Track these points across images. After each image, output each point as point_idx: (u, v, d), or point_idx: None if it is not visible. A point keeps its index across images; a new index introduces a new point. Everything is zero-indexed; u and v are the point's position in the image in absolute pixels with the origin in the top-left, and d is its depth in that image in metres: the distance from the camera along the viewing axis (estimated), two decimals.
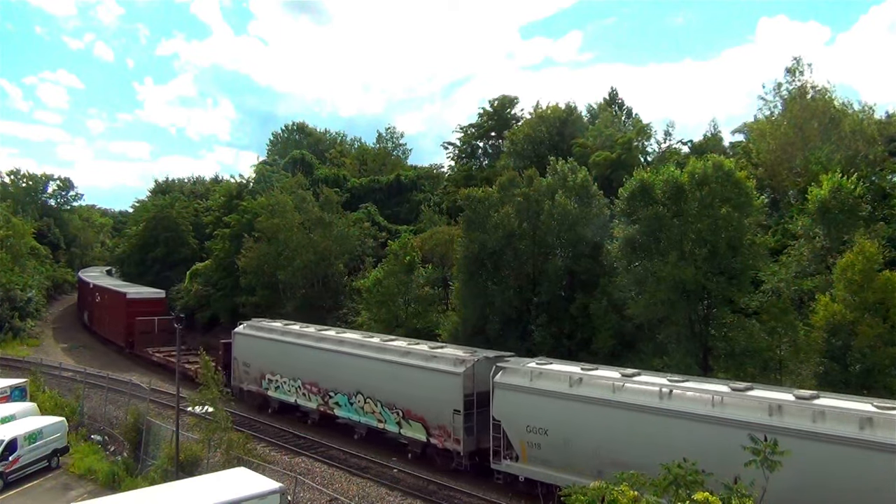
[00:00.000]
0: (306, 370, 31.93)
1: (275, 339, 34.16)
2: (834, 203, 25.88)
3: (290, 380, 32.98)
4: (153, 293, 55.06)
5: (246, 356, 35.98)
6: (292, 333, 33.78)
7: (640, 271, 27.22)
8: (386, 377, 27.75)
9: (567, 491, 16.20)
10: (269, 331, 35.20)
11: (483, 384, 24.32)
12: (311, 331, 33.54)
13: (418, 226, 51.12)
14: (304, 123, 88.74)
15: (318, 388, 31.40)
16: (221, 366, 35.00)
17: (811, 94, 39.03)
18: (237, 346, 36.70)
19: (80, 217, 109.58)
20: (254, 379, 35.25)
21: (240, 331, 36.98)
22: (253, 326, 36.60)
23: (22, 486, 25.46)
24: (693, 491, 14.74)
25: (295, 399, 32.71)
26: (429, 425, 26.05)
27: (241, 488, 17.98)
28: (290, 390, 33.02)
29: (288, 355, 32.86)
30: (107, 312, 56.73)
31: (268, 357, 34.28)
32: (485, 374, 24.36)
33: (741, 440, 14.99)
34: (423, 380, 26.18)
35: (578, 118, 51.65)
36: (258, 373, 34.89)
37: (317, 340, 31.96)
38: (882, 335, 21.56)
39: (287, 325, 35.70)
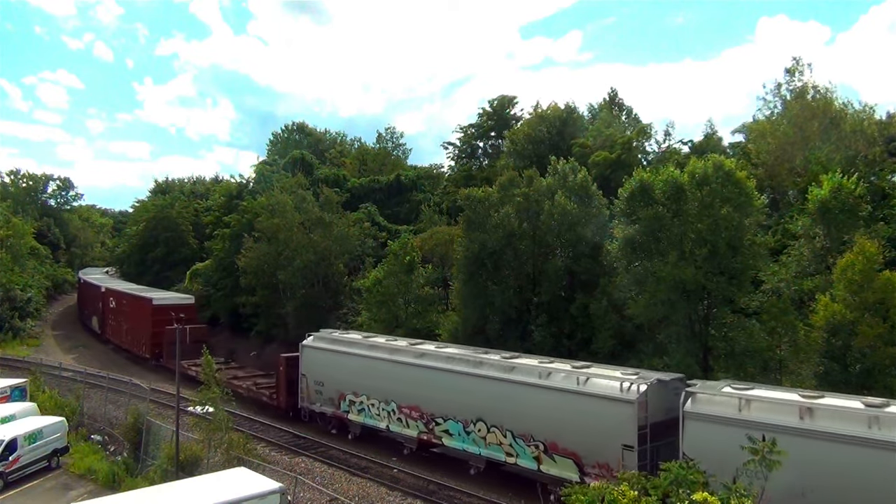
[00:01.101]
0: (404, 391, 27.44)
1: (358, 353, 29.59)
2: (834, 203, 25.85)
3: (379, 402, 28.46)
4: (181, 299, 50.51)
5: (318, 373, 31.45)
6: (381, 348, 29.21)
7: (640, 271, 27.21)
8: (520, 403, 23.27)
9: (567, 491, 16.22)
10: (348, 344, 30.64)
11: (658, 413, 20.54)
12: (404, 344, 29.16)
13: (418, 226, 51.12)
14: (304, 123, 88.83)
15: (419, 413, 26.80)
16: (284, 384, 32.99)
17: (811, 95, 39.03)
18: (307, 362, 32.18)
19: (80, 217, 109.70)
20: (329, 400, 30.93)
21: (310, 344, 32.41)
22: (326, 339, 32.18)
23: (22, 486, 25.46)
24: (693, 491, 14.77)
25: (386, 424, 28.17)
26: (583, 462, 21.60)
27: (241, 488, 17.99)
28: (379, 414, 28.53)
29: (377, 373, 28.40)
30: (127, 320, 51.81)
31: (349, 375, 29.75)
32: (660, 401, 20.66)
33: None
34: (576, 407, 21.72)
35: (578, 118, 51.65)
36: (335, 393, 30.55)
37: (418, 357, 27.34)
38: (882, 335, 21.54)
39: (368, 337, 31.48)
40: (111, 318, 56.23)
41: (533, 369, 23.54)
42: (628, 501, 14.59)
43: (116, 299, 54.62)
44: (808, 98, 38.82)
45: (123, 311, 52.85)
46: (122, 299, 53.40)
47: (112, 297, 55.84)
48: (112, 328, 55.82)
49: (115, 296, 55.37)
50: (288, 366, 33.13)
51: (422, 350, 27.93)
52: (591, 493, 15.59)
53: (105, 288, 58.46)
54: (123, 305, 52.92)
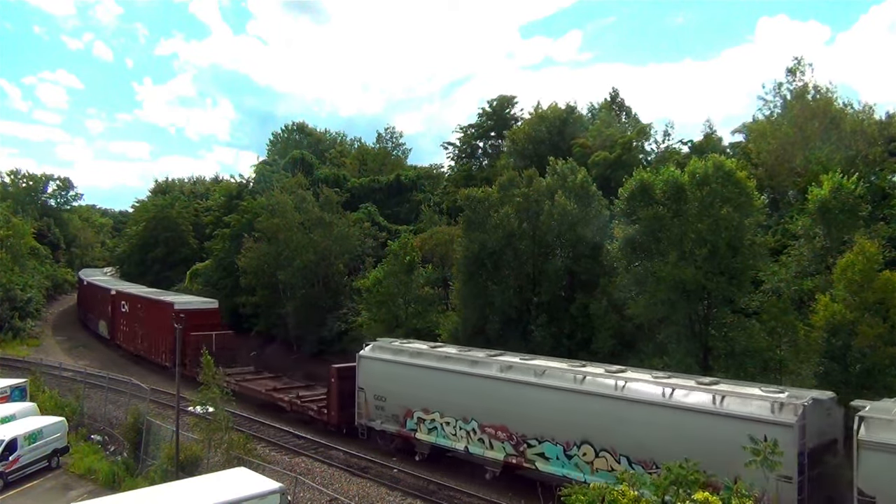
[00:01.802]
0: (487, 409, 24.33)
1: (430, 366, 26.58)
2: (834, 203, 25.83)
3: (456, 420, 25.42)
4: (205, 303, 46.89)
5: (379, 387, 28.35)
6: (458, 360, 26.12)
7: (641, 271, 27.22)
8: (638, 424, 20.16)
9: (567, 491, 16.21)
10: (415, 355, 27.58)
11: (813, 437, 18.05)
12: (481, 356, 25.99)
13: (418, 226, 51.13)
14: (304, 123, 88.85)
15: (507, 433, 23.81)
16: (336, 398, 30.24)
17: (811, 95, 39.01)
18: (365, 374, 29.07)
19: (80, 217, 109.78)
20: (392, 417, 27.95)
21: (368, 354, 29.24)
22: (387, 349, 28.95)
23: (22, 486, 25.46)
24: (693, 491, 14.76)
25: (465, 445, 25.12)
26: None
27: (241, 488, 17.99)
28: (455, 434, 25.52)
29: (454, 388, 25.43)
30: (143, 326, 48.18)
31: (417, 389, 26.81)
32: (816, 423, 18.23)
33: None
34: (714, 430, 18.66)
35: (578, 118, 51.63)
36: (400, 409, 27.52)
37: (504, 370, 24.22)
38: (882, 335, 21.53)
39: (436, 347, 28.52)
40: (123, 323, 52.57)
41: (651, 386, 20.63)
42: (628, 501, 14.58)
43: (130, 303, 51.15)
44: (809, 98, 38.80)
45: (138, 316, 49.38)
46: (137, 303, 49.99)
47: (125, 300, 52.26)
48: (125, 334, 52.22)
49: (128, 300, 51.88)
50: (340, 378, 30.05)
51: (507, 362, 24.71)
52: (591, 493, 15.57)
53: (116, 291, 55.14)
54: (139, 310, 49.46)
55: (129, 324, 50.98)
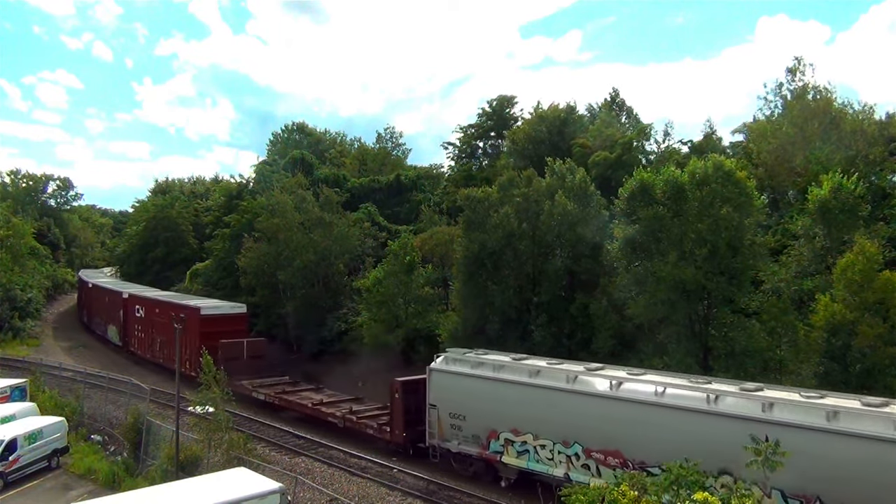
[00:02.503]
0: (595, 431, 21.24)
1: (518, 381, 23.39)
2: (834, 203, 25.85)
3: (554, 443, 22.36)
4: (232, 308, 43.49)
5: (456, 404, 25.34)
6: (551, 374, 22.93)
7: (641, 271, 27.22)
8: (800, 452, 16.45)
9: (567, 491, 16.22)
10: (497, 368, 24.35)
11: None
12: (578, 369, 22.94)
13: (418, 226, 51.14)
14: (303, 123, 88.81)
15: (620, 460, 20.71)
16: (401, 415, 27.26)
17: (811, 95, 39.01)
18: (438, 389, 26.00)
19: (80, 217, 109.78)
20: (472, 438, 24.84)
21: (440, 367, 26.14)
22: (464, 361, 25.73)
23: (22, 486, 25.47)
24: (693, 491, 14.77)
25: (565, 472, 21.98)
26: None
27: (241, 488, 18.00)
28: (552, 458, 22.41)
29: (550, 407, 22.34)
30: (162, 332, 44.58)
31: (504, 407, 23.64)
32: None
33: None
34: (887, 458, 15.94)
35: (578, 118, 51.65)
36: (482, 429, 24.39)
37: (615, 387, 21.09)
38: (882, 335, 21.55)
39: (520, 359, 25.07)
40: (138, 329, 49.07)
41: (810, 407, 17.57)
42: (628, 501, 14.60)
43: (146, 308, 47.52)
44: (809, 98, 38.80)
45: (156, 322, 45.42)
46: (155, 308, 46.20)
47: (140, 305, 48.77)
48: (140, 341, 48.51)
49: (143, 304, 48.35)
50: (405, 392, 27.24)
51: (615, 376, 21.63)
52: (591, 493, 15.59)
53: (129, 295, 51.61)
54: (156, 315, 45.54)
55: (145, 330, 47.37)
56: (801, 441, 16.90)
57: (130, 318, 50.03)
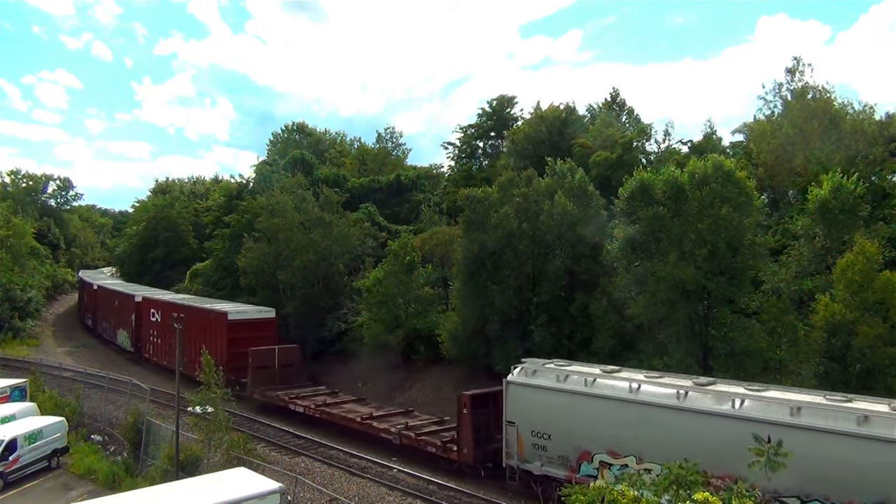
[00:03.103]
0: (713, 454, 18.31)
1: (616, 397, 20.89)
2: (834, 203, 25.85)
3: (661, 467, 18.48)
4: (260, 312, 40.67)
5: (537, 421, 22.80)
6: (652, 389, 20.46)
7: (641, 271, 27.20)
8: None
9: (567, 491, 16.22)
10: (588, 381, 21.81)
11: None
12: (686, 384, 20.30)
13: (418, 226, 51.15)
14: (303, 123, 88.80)
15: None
16: (470, 432, 24.67)
17: (811, 95, 39.01)
18: (516, 404, 23.52)
19: (79, 217, 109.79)
20: (558, 459, 22.29)
21: (519, 380, 23.61)
22: (544, 373, 23.19)
23: (22, 486, 25.49)
24: (693, 491, 14.77)
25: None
26: None
27: (241, 488, 18.00)
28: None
29: (658, 427, 19.80)
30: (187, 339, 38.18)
31: (599, 426, 21.16)
32: None
33: None
34: None
35: (577, 119, 51.63)
36: (572, 450, 21.81)
37: (737, 405, 18.53)
38: (882, 335, 21.53)
39: (614, 371, 22.49)
40: (154, 334, 46.27)
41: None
42: (628, 501, 14.59)
43: (163, 312, 44.13)
44: (808, 98, 38.79)
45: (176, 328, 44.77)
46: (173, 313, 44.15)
47: (156, 309, 45.86)
48: (157, 347, 45.62)
49: (160, 308, 45.30)
50: (475, 407, 24.88)
51: (732, 393, 19.03)
52: (590, 493, 15.58)
53: (142, 298, 49.18)
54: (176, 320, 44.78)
55: (162, 335, 44.19)
56: None
57: (145, 322, 47.62)
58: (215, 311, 40.19)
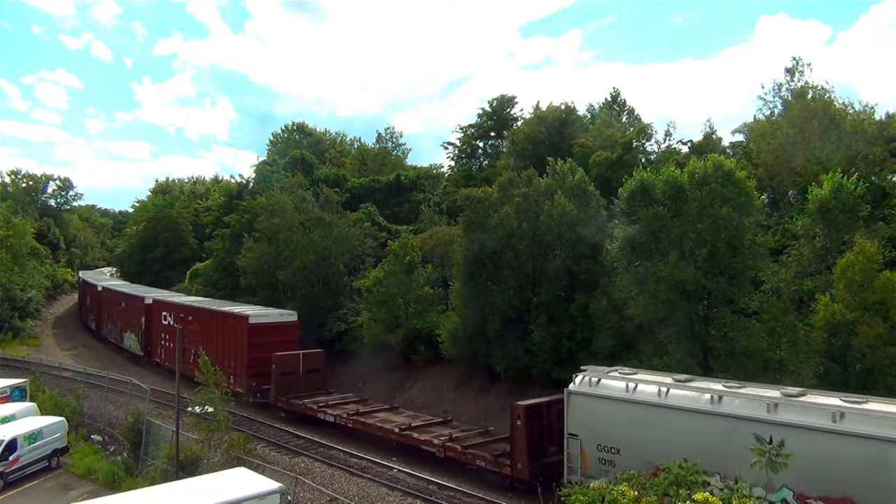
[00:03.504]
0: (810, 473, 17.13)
1: (692, 409, 19.41)
2: (834, 203, 25.83)
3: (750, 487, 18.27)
4: (282, 316, 38.73)
5: (604, 434, 21.15)
6: (736, 400, 18.91)
7: (640, 271, 27.18)
8: None
9: (567, 491, 16.23)
10: (661, 392, 20.24)
11: None
12: (774, 394, 18.85)
13: (418, 226, 51.16)
14: (303, 123, 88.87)
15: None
16: (525, 445, 23.11)
17: (811, 95, 39.00)
18: (579, 415, 21.99)
19: (79, 217, 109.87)
20: None
21: (582, 389, 21.98)
22: (610, 383, 21.58)
23: (22, 486, 25.51)
24: (693, 491, 14.78)
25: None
26: None
27: (241, 488, 18.01)
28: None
29: (743, 442, 18.30)
30: (199, 343, 39.36)
31: (673, 439, 19.50)
32: None
33: None
34: None
35: (578, 118, 51.62)
36: (643, 465, 19.62)
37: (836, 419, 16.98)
38: (882, 335, 21.51)
39: (686, 381, 20.87)
40: (165, 338, 44.50)
41: None
42: (628, 501, 14.60)
43: (177, 315, 42.18)
44: (808, 98, 38.78)
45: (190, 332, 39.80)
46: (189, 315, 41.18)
47: (168, 311, 43.98)
48: (169, 352, 43.03)
49: (173, 311, 43.42)
50: (529, 418, 23.32)
51: (830, 405, 17.55)
52: (590, 493, 15.59)
53: (153, 300, 47.61)
54: (191, 324, 39.94)
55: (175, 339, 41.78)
56: None
57: (156, 326, 45.72)
58: (235, 314, 38.23)
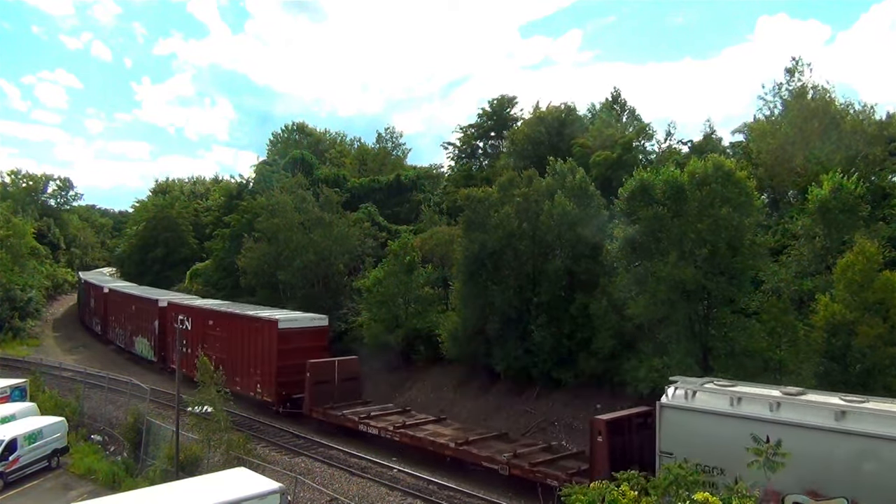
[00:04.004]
0: None
1: (810, 425, 17.46)
2: (834, 203, 25.84)
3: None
4: (312, 320, 36.00)
5: (704, 452, 19.04)
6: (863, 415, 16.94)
7: (641, 271, 27.20)
8: None
9: (567, 491, 16.21)
10: (772, 406, 18.22)
11: None
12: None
13: (418, 226, 51.17)
14: (303, 123, 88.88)
15: None
16: (607, 462, 21.11)
17: (811, 95, 39.00)
18: (673, 431, 20.09)
19: (79, 217, 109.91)
20: None
21: (676, 403, 20.11)
22: (708, 396, 19.64)
23: (22, 486, 25.53)
24: (693, 491, 14.77)
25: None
26: None
27: (241, 488, 18.01)
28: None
29: (874, 463, 16.41)
30: (224, 350, 36.84)
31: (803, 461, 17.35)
32: None
33: None
34: None
35: (577, 118, 51.62)
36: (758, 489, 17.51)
37: None
38: (882, 335, 21.51)
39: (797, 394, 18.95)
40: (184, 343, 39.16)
41: None
42: (628, 501, 14.59)
43: (195, 319, 40.44)
44: (808, 98, 38.79)
45: (211, 337, 38.61)
46: (210, 320, 39.31)
47: (185, 315, 41.16)
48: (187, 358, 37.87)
49: (191, 314, 41.19)
50: (611, 433, 21.60)
51: None
52: (591, 493, 15.57)
53: (167, 303, 45.43)
54: (213, 329, 38.63)
55: (193, 345, 39.39)
56: None
57: (171, 330, 42.15)
58: (263, 318, 35.41)
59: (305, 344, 33.88)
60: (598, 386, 30.06)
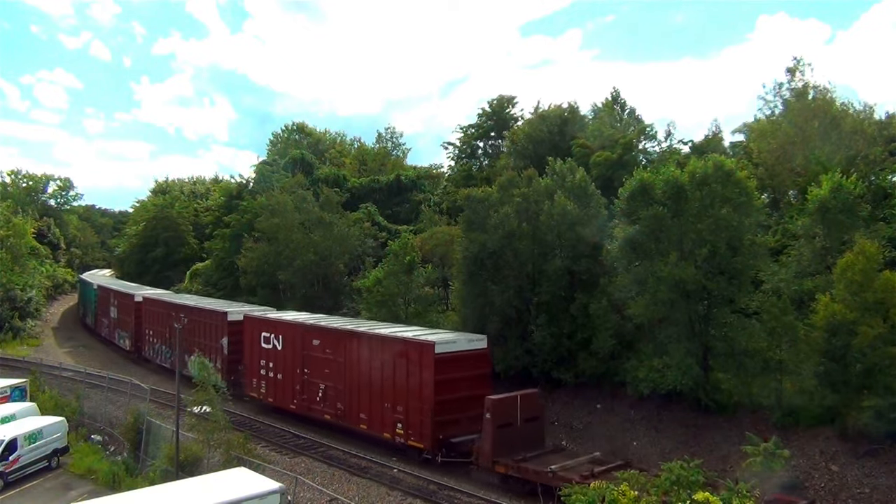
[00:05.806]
0: None
1: None
2: (834, 203, 25.86)
3: None
4: (470, 342, 27.89)
5: None
6: None
7: (641, 271, 27.21)
8: None
9: (567, 491, 16.24)
10: None
11: None
12: None
13: (418, 226, 51.18)
14: (303, 123, 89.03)
15: None
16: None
17: (811, 94, 39.03)
18: None
19: (79, 217, 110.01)
20: None
21: None
22: None
23: (22, 486, 25.52)
24: (693, 491, 14.79)
25: None
26: None
27: (241, 488, 18.01)
28: None
29: None
30: (331, 377, 30.41)
31: None
32: None
33: None
34: None
35: (578, 118, 51.61)
36: None
37: None
38: (882, 335, 21.54)
39: None
40: (269, 367, 34.10)
41: None
42: (628, 501, 14.61)
43: (286, 337, 33.04)
44: (809, 98, 38.82)
45: (312, 359, 31.49)
46: (312, 339, 31.67)
47: (269, 332, 34.18)
48: (276, 386, 33.37)
49: (278, 330, 33.62)
50: None
51: None
52: (591, 493, 15.59)
53: (244, 316, 37.02)
54: (318, 350, 31.20)
55: (284, 369, 33.02)
56: None
57: (252, 350, 35.27)
58: (409, 340, 27.32)
59: (465, 372, 26.58)
60: (598, 386, 30.08)
